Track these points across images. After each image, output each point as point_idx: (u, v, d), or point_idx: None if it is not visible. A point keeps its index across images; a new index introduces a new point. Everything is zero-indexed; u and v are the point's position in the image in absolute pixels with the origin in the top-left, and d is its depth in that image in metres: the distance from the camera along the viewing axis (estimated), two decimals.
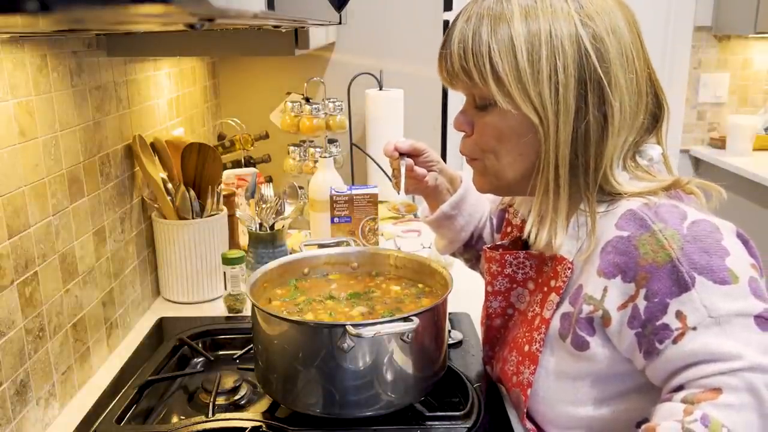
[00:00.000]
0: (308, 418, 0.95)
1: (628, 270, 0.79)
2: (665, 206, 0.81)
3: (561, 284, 0.87)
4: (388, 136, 1.97)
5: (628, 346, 0.81)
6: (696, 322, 0.76)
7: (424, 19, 2.00)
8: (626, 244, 0.80)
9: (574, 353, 0.85)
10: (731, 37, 3.08)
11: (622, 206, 0.83)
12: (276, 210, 1.48)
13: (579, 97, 0.81)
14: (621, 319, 0.80)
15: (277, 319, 0.94)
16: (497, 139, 0.87)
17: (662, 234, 0.78)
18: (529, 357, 0.90)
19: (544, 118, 0.82)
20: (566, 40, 0.80)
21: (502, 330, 1.01)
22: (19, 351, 0.92)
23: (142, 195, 1.36)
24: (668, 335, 0.77)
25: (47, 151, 1.00)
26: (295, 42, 1.23)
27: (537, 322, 0.90)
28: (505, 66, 0.81)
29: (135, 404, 1.03)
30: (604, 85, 0.81)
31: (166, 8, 0.37)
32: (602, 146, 0.83)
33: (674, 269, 0.76)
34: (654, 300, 0.77)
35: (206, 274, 1.41)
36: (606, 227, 0.83)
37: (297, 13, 0.78)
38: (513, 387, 0.93)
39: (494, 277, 0.98)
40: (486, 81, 0.83)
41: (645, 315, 0.78)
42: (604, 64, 0.81)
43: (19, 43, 0.93)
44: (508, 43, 0.81)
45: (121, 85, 1.26)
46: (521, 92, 0.81)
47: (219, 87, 2.04)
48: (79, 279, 1.09)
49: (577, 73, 0.81)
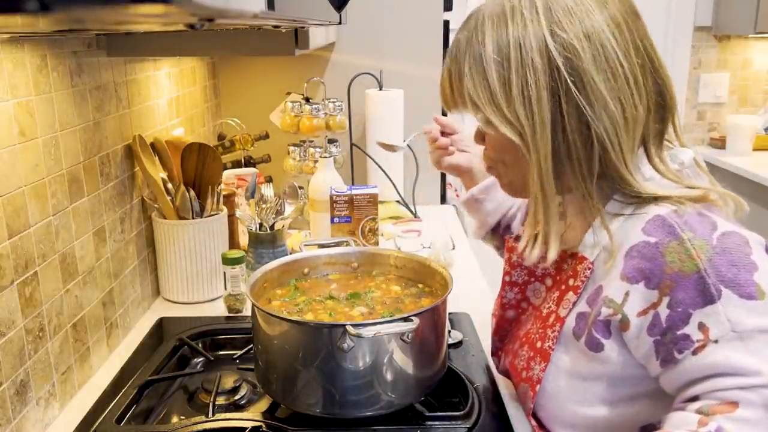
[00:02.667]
0: (308, 418, 0.95)
1: (653, 277, 0.78)
2: (695, 215, 0.80)
3: (579, 284, 0.87)
4: (388, 136, 1.97)
5: (645, 353, 0.80)
6: (718, 335, 0.75)
7: (424, 19, 2.00)
8: (653, 251, 0.79)
9: (588, 353, 0.85)
10: (731, 37, 3.08)
11: (651, 211, 0.81)
12: (276, 210, 1.48)
13: (554, 109, 0.80)
14: (640, 325, 0.79)
15: (277, 319, 0.94)
16: (500, 151, 0.90)
17: (691, 243, 0.77)
18: (540, 354, 0.90)
19: (523, 134, 0.82)
20: (536, 54, 0.79)
21: (513, 323, 1.02)
22: (19, 351, 0.92)
23: (142, 195, 1.36)
24: (688, 346, 0.76)
25: (47, 151, 1.00)
26: (295, 42, 1.23)
27: (552, 319, 0.90)
28: (478, 91, 0.83)
29: (135, 404, 1.03)
30: (578, 94, 0.79)
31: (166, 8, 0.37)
32: (591, 155, 0.82)
33: (701, 280, 0.75)
34: (677, 309, 0.76)
35: (206, 274, 1.41)
36: (632, 231, 0.82)
37: (297, 13, 0.78)
38: (522, 382, 0.94)
39: (513, 267, 1.00)
40: (467, 106, 0.86)
41: (666, 323, 0.77)
42: (575, 72, 0.79)
43: (19, 43, 0.93)
44: (479, 68, 0.83)
45: (121, 85, 1.26)
46: (496, 113, 0.83)
47: (219, 87, 2.04)
48: (79, 279, 1.09)
49: (548, 86, 0.80)
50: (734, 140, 2.90)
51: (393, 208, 1.97)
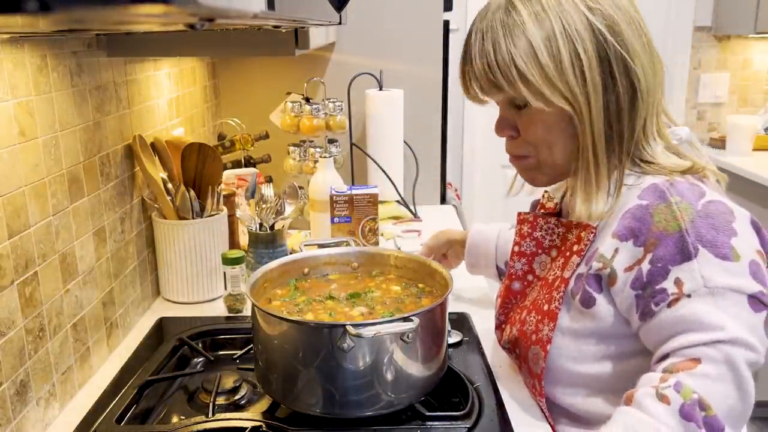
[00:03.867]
0: (308, 418, 0.95)
1: (640, 235, 0.85)
2: (686, 183, 0.88)
3: (583, 247, 0.93)
4: (388, 136, 1.97)
5: (628, 307, 0.87)
6: (691, 289, 0.81)
7: (424, 19, 2.00)
8: (643, 212, 0.86)
9: (582, 310, 0.91)
10: (731, 37, 3.08)
11: (647, 181, 0.90)
12: (276, 210, 1.48)
13: (604, 72, 0.87)
14: (626, 279, 0.86)
15: (277, 319, 0.94)
16: (546, 131, 0.92)
17: (677, 206, 0.84)
18: (548, 315, 0.94)
19: (575, 103, 0.88)
20: (580, 26, 0.86)
21: (518, 295, 1.06)
22: (19, 351, 0.92)
23: (142, 195, 1.36)
24: (664, 299, 0.82)
25: (47, 151, 1.00)
26: (295, 42, 1.23)
27: (557, 283, 0.95)
28: (529, 68, 0.87)
29: (135, 404, 1.03)
30: (625, 55, 0.87)
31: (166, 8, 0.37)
32: (634, 112, 0.89)
33: (681, 238, 0.82)
34: (657, 265, 0.83)
35: (206, 274, 1.41)
36: (630, 197, 0.89)
37: (297, 13, 0.78)
38: (532, 345, 0.97)
39: (523, 238, 1.05)
40: (516, 87, 0.89)
41: (647, 278, 0.84)
42: (619, 37, 0.87)
43: (19, 43, 0.93)
44: (527, 47, 0.87)
45: (121, 85, 1.26)
46: (550, 87, 0.87)
47: (219, 87, 2.04)
48: (79, 279, 1.09)
49: (597, 52, 0.87)
50: (734, 140, 2.90)
51: (393, 208, 1.97)
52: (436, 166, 2.12)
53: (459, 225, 1.93)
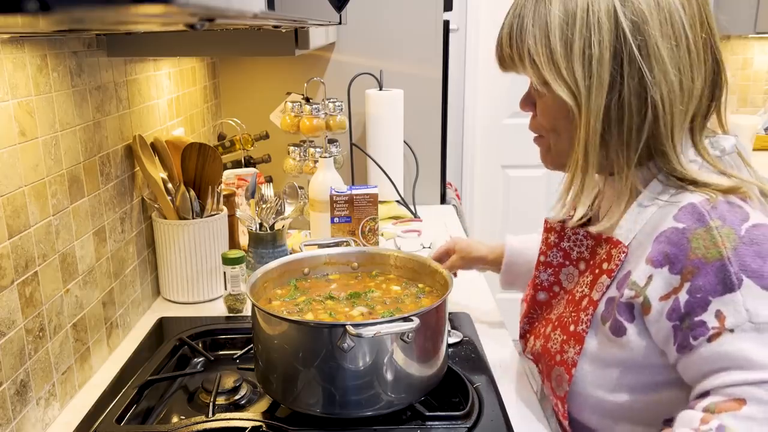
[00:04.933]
0: (308, 417, 0.95)
1: (677, 262, 0.78)
2: (728, 204, 0.80)
3: (613, 267, 0.87)
4: (388, 136, 1.97)
5: (664, 338, 0.80)
6: (734, 324, 0.74)
7: (424, 19, 2.00)
8: (679, 236, 0.79)
9: (611, 338, 0.85)
10: (731, 37, 3.08)
11: (685, 199, 0.82)
12: (276, 210, 1.48)
13: (614, 70, 0.81)
14: (661, 309, 0.80)
15: (277, 319, 0.94)
16: (553, 118, 0.89)
17: (718, 231, 0.77)
18: (574, 337, 0.89)
19: (577, 95, 0.83)
20: (603, 14, 0.80)
21: (543, 305, 1.02)
22: (19, 351, 0.92)
23: (142, 195, 1.36)
24: (704, 333, 0.76)
25: (47, 151, 1.00)
26: (295, 42, 1.23)
27: (585, 302, 0.90)
28: (538, 48, 0.83)
29: (135, 404, 1.03)
30: (640, 58, 0.80)
31: (166, 8, 0.37)
32: (643, 122, 0.82)
33: (722, 268, 0.75)
34: (696, 296, 0.76)
35: (206, 274, 1.41)
36: (665, 217, 0.82)
37: (297, 13, 0.78)
38: (556, 365, 0.92)
39: (550, 248, 1.00)
40: (524, 66, 0.86)
41: (685, 309, 0.77)
42: (641, 37, 0.80)
43: (19, 43, 0.93)
44: (543, 26, 0.83)
45: (121, 85, 1.26)
46: (554, 73, 0.83)
47: (219, 87, 2.04)
48: (79, 279, 1.09)
49: (613, 49, 0.81)
50: None
51: (393, 208, 1.97)
52: (436, 166, 2.12)
53: (459, 225, 1.93)
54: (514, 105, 3.17)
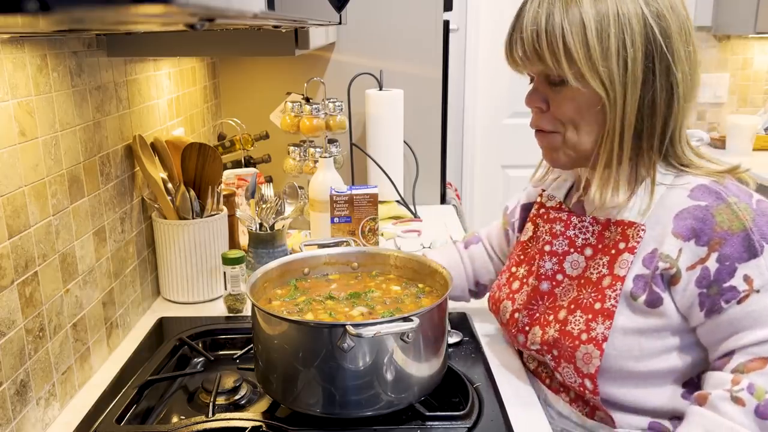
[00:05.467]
0: (308, 418, 0.95)
1: (703, 235, 0.88)
2: (734, 184, 0.93)
3: (635, 244, 0.93)
4: (388, 136, 1.97)
5: (690, 304, 0.90)
6: (761, 285, 0.86)
7: (424, 19, 2.00)
8: (704, 212, 0.89)
9: (646, 311, 0.92)
10: (731, 37, 3.08)
11: (691, 181, 0.92)
12: (276, 210, 1.48)
13: (646, 69, 0.89)
14: (689, 278, 0.89)
15: (277, 319, 0.94)
16: (576, 112, 0.93)
17: (736, 206, 0.88)
18: (602, 313, 0.94)
19: (610, 90, 0.89)
20: (633, 18, 0.88)
21: (545, 296, 1.04)
22: (19, 351, 0.92)
23: (142, 195, 1.36)
24: (735, 296, 0.86)
25: (47, 151, 1.00)
26: (295, 42, 1.23)
27: (608, 281, 0.95)
28: (576, 45, 0.88)
29: (135, 404, 1.03)
30: (668, 57, 0.89)
31: (166, 8, 0.37)
32: (670, 113, 0.91)
33: (747, 237, 0.86)
34: (725, 263, 0.87)
35: (206, 274, 1.41)
36: (677, 197, 0.92)
37: (297, 13, 0.78)
38: (582, 344, 0.95)
39: (555, 236, 1.04)
40: (559, 61, 0.90)
41: (714, 276, 0.87)
42: (667, 39, 0.89)
43: (19, 43, 0.93)
44: (579, 24, 0.88)
45: (121, 85, 1.26)
46: (591, 69, 0.88)
47: (219, 87, 2.04)
48: (79, 279, 1.09)
49: (644, 48, 0.89)
50: (734, 140, 2.89)
51: (393, 208, 1.97)
52: (436, 166, 2.12)
53: (459, 225, 1.94)
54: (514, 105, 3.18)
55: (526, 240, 1.13)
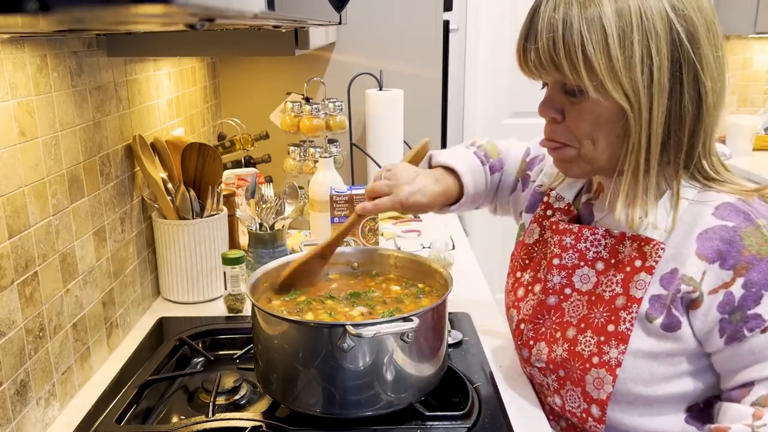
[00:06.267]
0: (308, 417, 0.95)
1: (729, 258, 0.82)
2: (761, 205, 0.86)
3: (653, 264, 0.87)
4: (388, 136, 1.97)
5: (709, 329, 0.84)
6: None
7: (424, 19, 2.00)
8: (731, 234, 0.83)
9: (661, 334, 0.87)
10: (731, 37, 3.08)
11: (717, 198, 0.86)
12: (276, 210, 1.48)
13: (673, 77, 0.82)
14: (711, 302, 0.83)
15: (277, 319, 0.94)
16: (595, 125, 0.86)
17: (766, 229, 0.83)
18: (615, 336, 0.89)
19: (635, 102, 0.82)
20: (658, 22, 0.80)
21: (552, 310, 0.99)
22: (19, 351, 0.92)
23: (142, 195, 1.36)
24: (759, 325, 0.81)
25: (47, 151, 1.00)
26: (295, 42, 1.23)
27: (622, 301, 0.89)
28: (597, 55, 0.80)
29: (135, 404, 1.03)
30: (696, 64, 0.82)
31: (166, 8, 0.37)
32: (699, 123, 0.85)
33: None
34: (751, 290, 0.81)
35: (206, 274, 1.41)
36: (701, 215, 0.86)
37: (297, 13, 0.78)
38: (593, 368, 0.90)
39: (564, 250, 0.97)
40: (578, 72, 0.82)
41: (739, 302, 0.82)
42: (695, 44, 0.82)
43: (19, 43, 0.93)
44: (600, 32, 0.80)
45: (121, 85, 1.26)
46: (613, 80, 0.81)
47: (219, 87, 2.04)
48: (79, 279, 1.09)
49: (670, 55, 0.81)
50: (734, 140, 2.89)
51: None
52: None
53: (459, 225, 1.93)
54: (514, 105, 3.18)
55: (531, 243, 1.07)
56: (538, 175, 1.14)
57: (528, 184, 1.15)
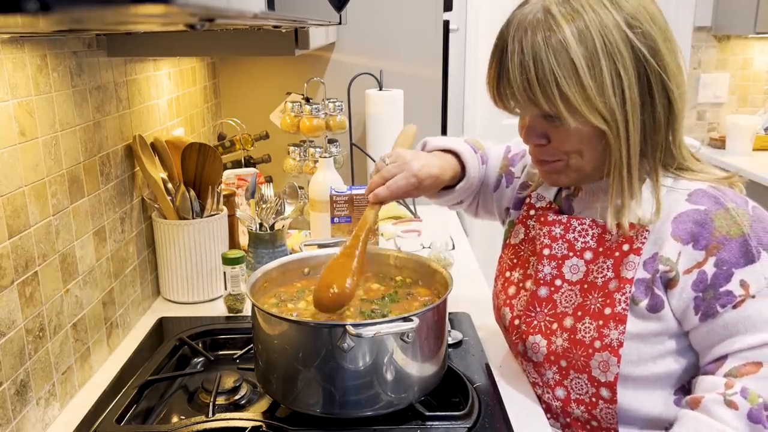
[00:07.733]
0: (308, 417, 0.95)
1: (701, 239, 0.88)
2: (731, 190, 0.93)
3: (640, 245, 0.92)
4: (388, 136, 1.97)
5: (685, 307, 0.89)
6: (756, 290, 0.86)
7: (424, 19, 2.00)
8: (703, 216, 0.89)
9: (647, 315, 0.91)
10: (731, 37, 3.08)
11: (689, 186, 0.92)
12: (276, 210, 1.48)
13: (642, 91, 0.88)
14: (685, 281, 0.89)
15: (277, 319, 0.94)
16: (579, 142, 0.92)
17: (735, 212, 0.88)
18: (613, 318, 0.93)
19: (612, 122, 0.88)
20: (620, 43, 0.86)
21: (544, 302, 1.01)
22: (19, 351, 0.92)
23: (142, 195, 1.36)
24: (730, 301, 0.87)
25: (47, 151, 1.00)
26: (295, 42, 1.23)
27: (615, 284, 0.94)
28: (572, 89, 0.86)
29: (135, 404, 1.03)
30: (662, 73, 0.88)
31: (166, 8, 0.37)
32: (670, 125, 0.91)
33: (745, 243, 0.87)
34: (722, 268, 0.87)
35: (206, 274, 1.41)
36: (675, 200, 0.91)
37: (297, 13, 0.78)
38: (597, 352, 0.93)
39: (554, 240, 1.01)
40: (555, 105, 0.87)
41: (711, 280, 0.87)
42: (657, 56, 0.87)
43: (19, 43, 0.93)
44: (569, 66, 0.85)
45: (121, 85, 1.26)
46: (589, 107, 0.87)
47: (219, 87, 2.04)
48: (79, 279, 1.09)
49: (636, 71, 0.87)
50: (734, 140, 2.89)
51: (393, 208, 1.97)
52: None
53: (459, 225, 1.93)
54: None
55: (517, 243, 1.10)
56: (521, 171, 1.17)
57: (512, 180, 1.18)
